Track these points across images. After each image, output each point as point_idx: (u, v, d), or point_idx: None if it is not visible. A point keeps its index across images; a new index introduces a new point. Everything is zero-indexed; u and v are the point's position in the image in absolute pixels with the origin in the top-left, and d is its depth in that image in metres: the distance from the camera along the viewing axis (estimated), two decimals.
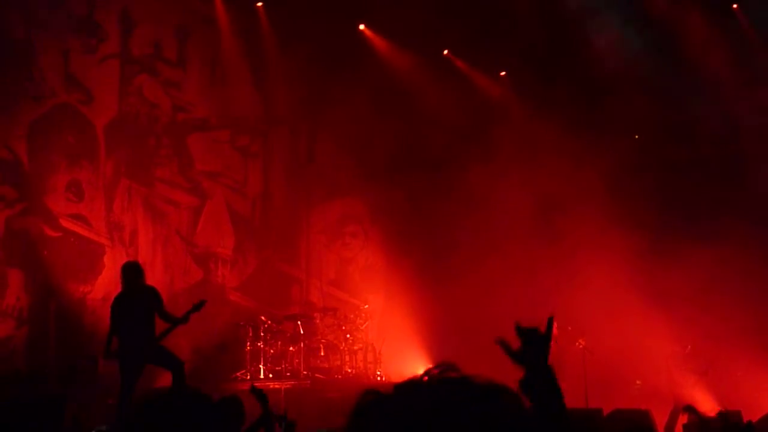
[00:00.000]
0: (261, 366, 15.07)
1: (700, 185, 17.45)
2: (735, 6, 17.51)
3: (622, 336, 15.11)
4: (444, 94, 17.64)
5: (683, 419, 14.07)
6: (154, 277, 15.08)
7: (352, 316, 16.26)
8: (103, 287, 14.53)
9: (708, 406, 13.62)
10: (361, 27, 18.06)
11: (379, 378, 15.73)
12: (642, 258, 15.69)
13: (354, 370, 15.70)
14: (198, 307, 11.15)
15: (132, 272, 11.40)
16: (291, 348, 15.37)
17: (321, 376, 15.11)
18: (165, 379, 11.88)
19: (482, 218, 17.08)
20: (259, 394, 7.47)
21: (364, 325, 16.22)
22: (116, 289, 11.81)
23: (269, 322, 15.51)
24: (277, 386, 14.39)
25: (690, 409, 10.80)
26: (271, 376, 15.02)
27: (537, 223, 16.73)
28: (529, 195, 16.80)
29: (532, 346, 3.23)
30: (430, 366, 1.85)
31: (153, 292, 11.34)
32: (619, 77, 16.85)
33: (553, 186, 16.82)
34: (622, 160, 17.07)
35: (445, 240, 17.68)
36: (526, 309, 15.56)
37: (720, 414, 10.43)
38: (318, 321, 16.05)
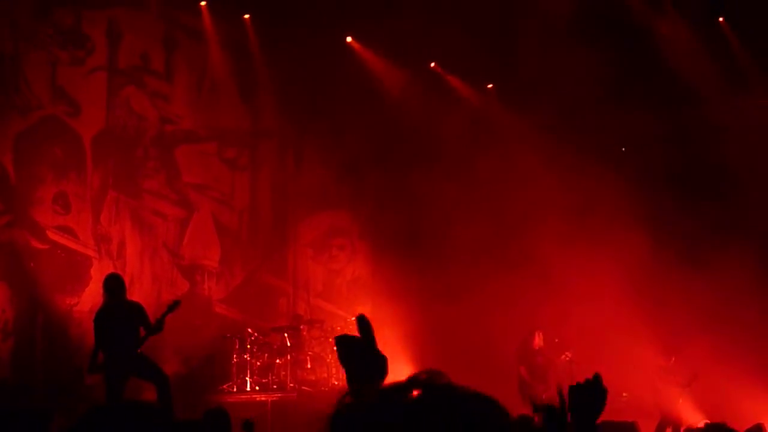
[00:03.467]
0: (247, 378, 15.05)
1: (693, 199, 17.41)
2: (721, 19, 17.55)
3: (608, 348, 15.12)
4: (432, 106, 17.65)
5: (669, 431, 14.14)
6: (141, 289, 15.10)
7: (339, 328, 16.22)
8: (90, 299, 14.46)
9: (692, 417, 13.68)
10: (349, 39, 18.07)
11: None
12: (629, 271, 15.70)
13: (341, 383, 15.66)
14: (172, 308, 11.12)
15: (116, 285, 11.36)
16: (278, 360, 15.35)
17: (308, 389, 15.10)
18: (151, 393, 11.85)
19: (470, 232, 17.07)
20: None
21: None
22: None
23: (256, 334, 15.49)
24: (263, 398, 14.40)
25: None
26: (257, 388, 15.00)
27: (525, 236, 16.71)
28: (516, 210, 16.80)
29: (553, 422, 3.33)
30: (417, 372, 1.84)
31: (138, 309, 11.29)
32: (607, 89, 16.88)
33: (540, 201, 16.82)
34: (614, 172, 17.09)
35: (432, 253, 17.67)
36: (514, 321, 15.59)
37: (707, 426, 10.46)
38: (305, 333, 16.02)
